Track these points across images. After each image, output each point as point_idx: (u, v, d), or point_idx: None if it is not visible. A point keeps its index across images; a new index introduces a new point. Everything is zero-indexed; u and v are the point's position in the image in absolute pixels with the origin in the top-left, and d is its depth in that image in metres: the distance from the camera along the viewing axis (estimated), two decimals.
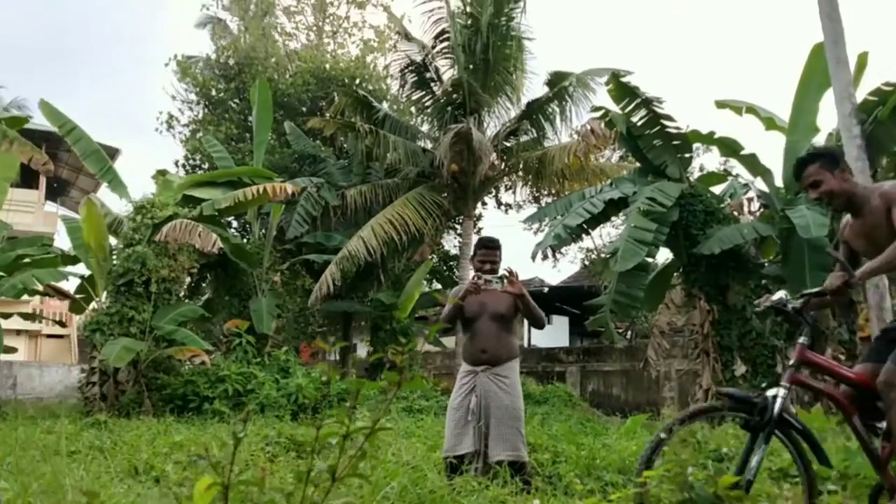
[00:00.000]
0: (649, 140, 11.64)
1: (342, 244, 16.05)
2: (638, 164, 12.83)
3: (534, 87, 17.35)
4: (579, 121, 16.47)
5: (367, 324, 19.46)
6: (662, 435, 3.49)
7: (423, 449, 6.65)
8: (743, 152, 11.27)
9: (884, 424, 3.50)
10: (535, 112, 16.80)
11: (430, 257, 18.90)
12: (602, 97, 17.87)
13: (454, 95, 16.75)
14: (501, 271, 5.30)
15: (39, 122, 15.26)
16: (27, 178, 20.49)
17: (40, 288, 13.94)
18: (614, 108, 11.92)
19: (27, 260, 12.99)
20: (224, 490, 1.26)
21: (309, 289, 17.02)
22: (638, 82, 11.48)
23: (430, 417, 11.72)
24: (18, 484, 3.26)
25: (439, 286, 21.84)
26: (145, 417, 11.25)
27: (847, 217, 3.93)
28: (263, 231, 16.92)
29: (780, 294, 3.72)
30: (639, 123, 11.62)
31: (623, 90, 11.49)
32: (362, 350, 21.00)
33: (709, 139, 11.57)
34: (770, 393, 3.46)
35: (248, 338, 14.01)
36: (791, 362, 3.59)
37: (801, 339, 3.60)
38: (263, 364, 13.77)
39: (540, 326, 5.56)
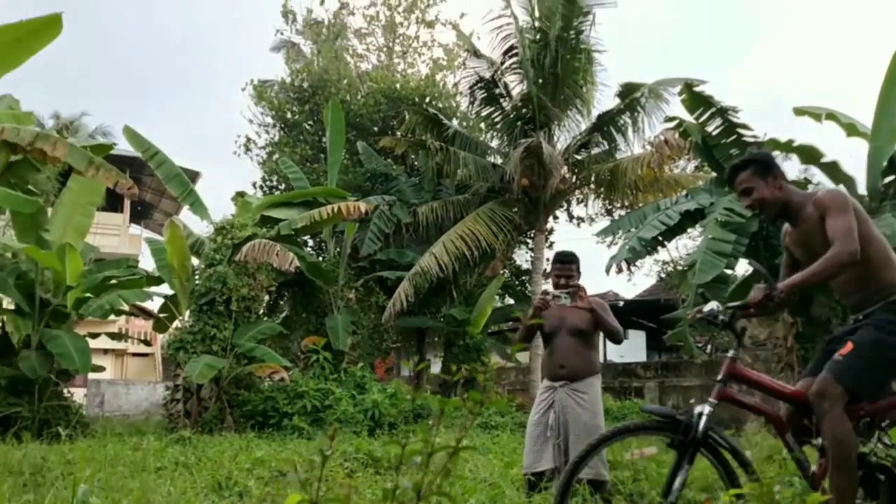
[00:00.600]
0: (726, 149, 11.43)
1: (414, 261, 16.18)
2: (714, 174, 12.60)
3: (605, 99, 17.25)
4: (652, 132, 16.31)
5: (441, 339, 19.53)
6: (583, 453, 3.52)
7: (500, 465, 6.65)
8: (824, 160, 10.96)
9: (821, 441, 3.36)
10: (607, 124, 16.67)
11: (501, 272, 18.87)
12: (675, 107, 17.62)
13: (524, 110, 16.75)
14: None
15: (123, 147, 15.85)
16: (112, 202, 21.31)
17: (126, 308, 14.44)
18: (688, 117, 11.76)
19: (113, 281, 13.46)
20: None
21: (383, 305, 17.19)
22: (712, 91, 11.31)
23: (506, 434, 11.69)
24: (109, 500, 3.39)
25: (511, 301, 21.78)
26: (227, 433, 11.52)
27: (787, 224, 3.79)
28: (338, 249, 17.19)
29: (712, 305, 3.59)
30: (714, 133, 11.44)
31: (697, 99, 11.33)
32: (436, 366, 21.07)
33: (788, 147, 11.28)
34: (696, 410, 3.37)
35: (325, 354, 14.24)
36: (719, 377, 3.48)
37: (730, 353, 3.51)
38: (340, 380, 13.96)
39: (617, 341, 5.48)
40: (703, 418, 3.34)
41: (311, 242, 20.03)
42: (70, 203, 13.00)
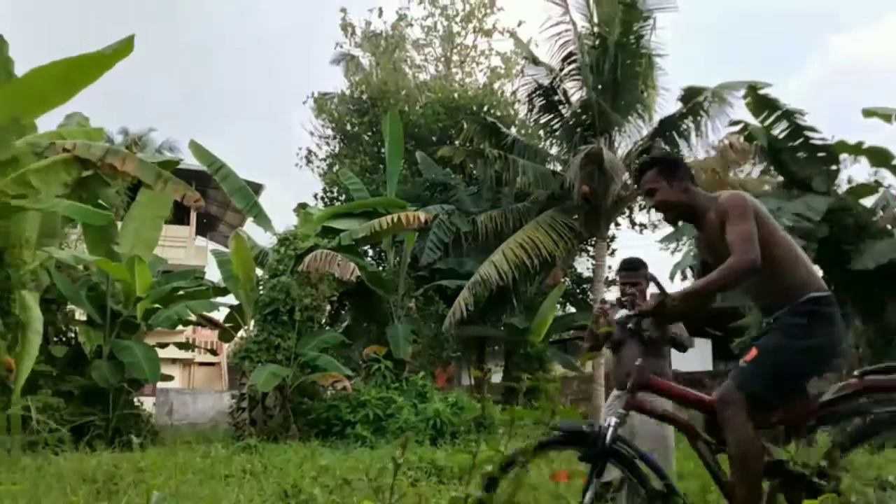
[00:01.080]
0: (792, 153, 11.20)
1: (474, 269, 16.17)
2: (781, 179, 12.34)
3: (666, 104, 16.90)
4: (716, 136, 15.99)
5: (501, 348, 19.47)
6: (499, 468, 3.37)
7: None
8: (895, 162, 10.65)
9: None
10: (669, 129, 16.42)
11: (562, 280, 18.75)
12: (739, 111, 17.29)
13: (583, 117, 16.62)
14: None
15: (189, 161, 16.23)
16: (179, 215, 21.80)
17: (193, 318, 14.76)
18: (753, 121, 11.55)
19: (181, 292, 13.78)
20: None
21: (443, 314, 17.21)
22: (777, 94, 11.09)
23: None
24: None
25: (573, 310, 21.61)
26: (292, 441, 11.67)
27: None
28: (398, 259, 17.29)
29: (621, 313, 3.51)
30: (780, 136, 11.22)
31: (762, 102, 11.14)
32: (496, 375, 21.00)
33: (857, 149, 10.99)
34: (605, 422, 3.27)
35: (387, 363, 14.31)
36: (628, 387, 3.37)
37: (638, 362, 3.41)
38: (402, 389, 14.00)
39: (682, 349, 5.37)
40: (610, 430, 3.26)
41: (371, 252, 20.20)
42: (139, 216, 13.36)
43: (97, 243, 12.27)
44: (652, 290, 5.07)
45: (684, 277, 14.86)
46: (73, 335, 13.23)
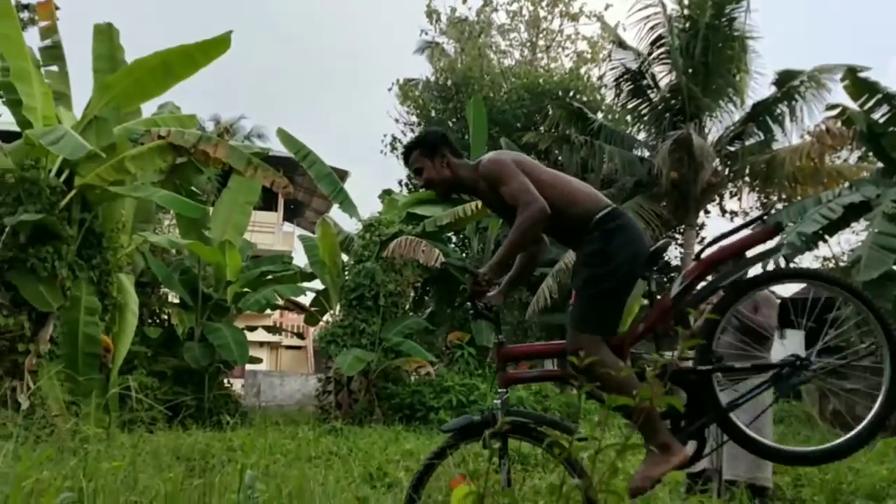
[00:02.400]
0: (893, 138, 10.67)
1: (558, 257, 15.99)
2: (880, 165, 11.79)
3: (759, 88, 16.45)
4: (812, 121, 15.45)
5: None
6: (434, 459, 3.28)
7: None
8: None
9: None
10: (762, 113, 15.90)
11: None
12: (837, 95, 16.61)
13: (672, 101, 16.25)
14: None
15: (277, 148, 16.53)
16: (267, 201, 22.26)
17: (281, 302, 15.06)
18: (852, 105, 11.07)
19: (269, 277, 14.07)
20: (480, 499, 1.28)
21: (526, 301, 17.11)
22: (878, 77, 10.58)
23: (638, 441, 11.36)
24: (272, 486, 3.50)
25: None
26: (376, 425, 11.81)
27: None
28: (482, 245, 17.25)
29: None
30: (881, 121, 10.72)
31: (861, 86, 10.66)
32: None
33: None
34: (494, 407, 3.20)
35: (470, 350, 14.32)
36: (495, 365, 3.23)
37: (494, 340, 3.32)
38: (485, 376, 13.99)
39: (764, 338, 5.11)
40: (498, 412, 3.19)
41: (454, 239, 20.22)
42: (229, 202, 13.69)
43: (189, 228, 12.62)
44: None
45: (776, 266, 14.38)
46: (166, 317, 13.68)
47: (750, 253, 3.15)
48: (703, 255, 3.26)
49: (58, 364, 8.48)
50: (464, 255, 17.85)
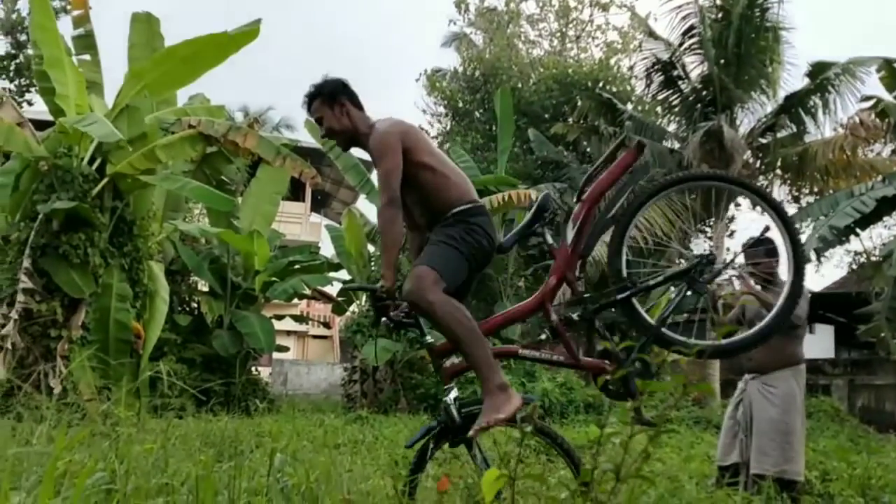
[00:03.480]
0: None
1: None
2: None
3: (792, 79, 16.17)
4: (845, 113, 15.23)
5: (613, 329, 19.18)
6: (415, 474, 3.28)
7: (678, 459, 6.43)
8: None
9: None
10: (795, 105, 15.70)
11: (677, 262, 18.25)
12: (871, 87, 16.35)
13: (704, 92, 16.10)
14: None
15: (305, 139, 16.60)
16: (294, 191, 22.37)
17: (308, 292, 15.14)
18: (887, 97, 10.89)
19: (297, 266, 14.15)
20: (511, 482, 1.28)
21: None
22: None
23: (682, 427, 11.31)
24: (300, 471, 3.53)
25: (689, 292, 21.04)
26: (401, 414, 11.86)
27: None
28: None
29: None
30: None
31: None
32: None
33: None
34: (445, 404, 3.15)
35: (495, 341, 14.30)
36: (432, 364, 3.31)
37: (423, 341, 3.36)
38: (510, 368, 13.99)
39: (791, 328, 5.01)
40: (452, 406, 3.15)
41: None
42: (258, 192, 13.78)
43: (219, 217, 12.72)
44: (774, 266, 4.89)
45: (808, 260, 14.21)
46: (196, 305, 13.80)
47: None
48: (584, 195, 3.32)
49: (89, 349, 8.58)
50: None
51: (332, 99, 3.48)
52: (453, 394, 3.22)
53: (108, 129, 8.26)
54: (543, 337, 3.45)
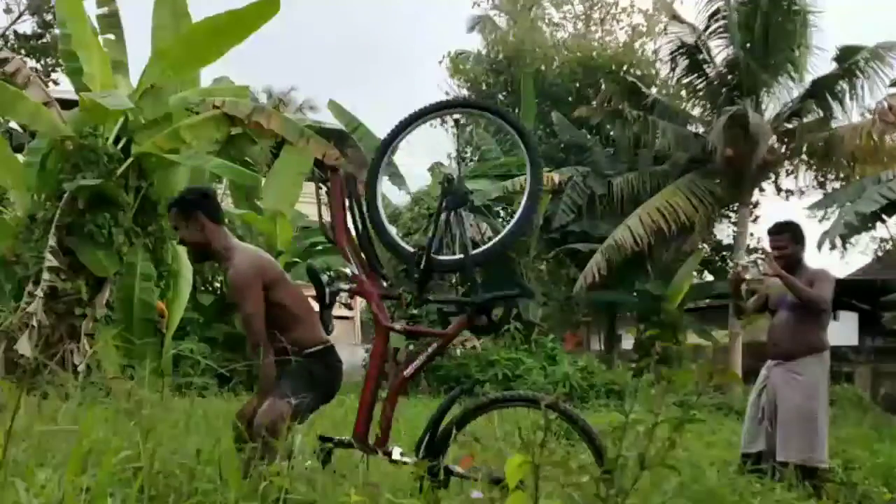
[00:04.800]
0: None
1: (608, 233, 15.88)
2: None
3: (820, 64, 15.96)
4: (873, 98, 15.03)
5: (633, 315, 19.12)
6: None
7: (700, 446, 6.41)
8: None
9: None
10: (822, 90, 15.51)
11: (700, 247, 18.15)
12: None
13: (729, 76, 15.93)
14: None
15: (328, 120, 16.60)
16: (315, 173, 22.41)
17: (330, 273, 15.19)
18: None
19: (319, 247, 14.19)
20: (535, 468, 1.28)
21: (574, 278, 17.03)
22: None
23: (703, 414, 11.28)
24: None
25: (710, 278, 20.93)
26: (422, 396, 11.91)
27: None
28: None
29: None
30: None
31: None
32: (627, 341, 20.65)
33: None
34: None
35: (516, 324, 14.31)
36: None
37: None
38: (530, 351, 14.00)
39: (814, 311, 4.96)
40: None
41: (503, 213, 20.15)
42: (281, 173, 13.76)
43: (242, 198, 12.76)
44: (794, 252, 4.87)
45: (833, 247, 14.07)
46: (218, 285, 13.89)
47: None
48: (336, 240, 3.81)
49: (114, 328, 8.67)
50: None
51: (186, 211, 3.53)
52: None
53: (121, 99, 8.35)
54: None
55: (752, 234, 19.31)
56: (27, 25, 25.10)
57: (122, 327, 8.74)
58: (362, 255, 3.69)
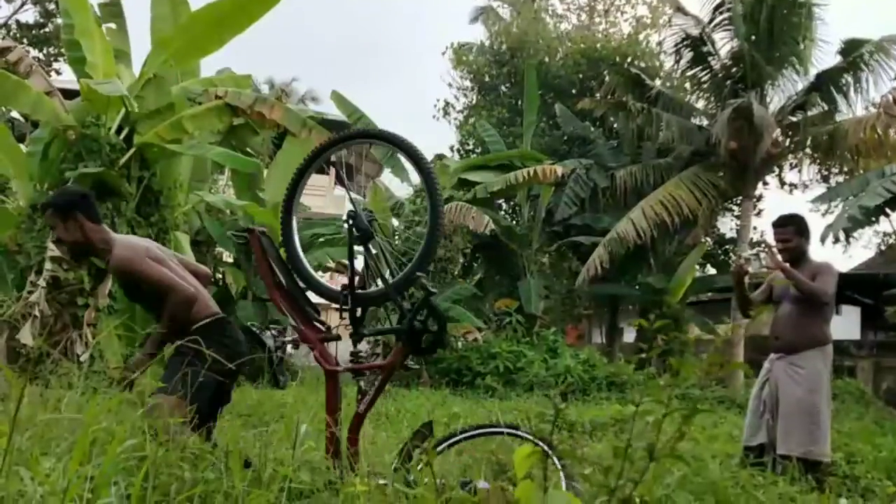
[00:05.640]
0: None
1: (611, 226, 15.85)
2: None
3: (824, 57, 15.89)
4: (878, 92, 14.97)
5: (636, 308, 19.11)
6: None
7: (703, 439, 6.40)
8: None
9: None
10: (826, 83, 15.43)
11: (703, 240, 18.12)
12: None
13: (734, 69, 15.86)
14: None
15: (330, 111, 16.58)
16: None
17: (332, 265, 15.20)
18: None
19: (321, 239, 14.19)
20: (544, 458, 1.27)
21: (576, 271, 17.02)
22: None
23: (705, 406, 11.28)
24: (323, 440, 3.56)
25: (713, 271, 20.91)
26: (423, 388, 11.91)
27: None
28: (532, 213, 17.16)
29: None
30: None
31: None
32: (629, 334, 20.65)
33: None
34: None
35: (518, 317, 14.31)
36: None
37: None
38: (532, 344, 14.00)
39: (818, 304, 4.95)
40: None
41: (505, 206, 20.15)
42: (283, 164, 13.75)
43: (244, 189, 12.76)
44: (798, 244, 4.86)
45: (836, 241, 14.04)
46: (220, 276, 13.89)
47: None
48: (274, 301, 3.86)
49: (116, 318, 8.68)
50: (514, 222, 17.75)
51: (64, 213, 3.57)
52: None
53: (117, 86, 8.38)
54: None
55: (755, 228, 19.32)
56: (29, 15, 25.10)
57: (124, 317, 8.75)
58: (298, 306, 3.76)
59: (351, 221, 3.53)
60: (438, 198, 3.39)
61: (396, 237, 14.44)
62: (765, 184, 18.91)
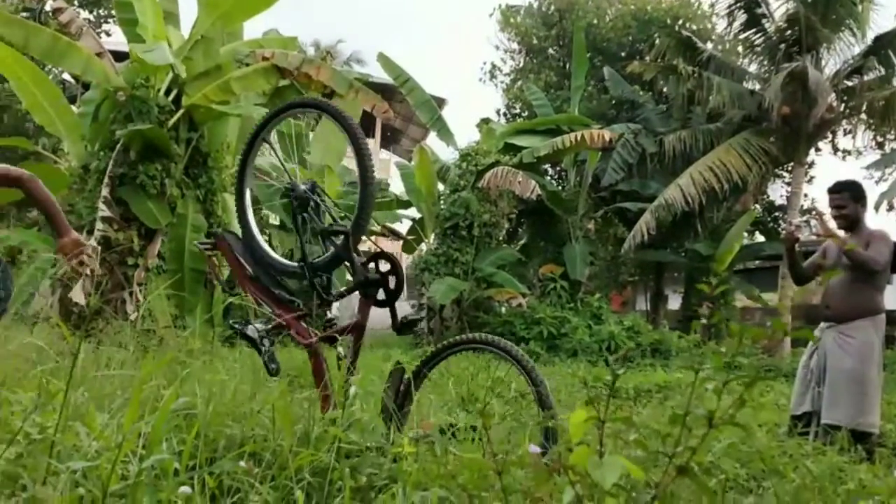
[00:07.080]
0: None
1: (658, 192, 15.62)
2: None
3: (882, 20, 15.43)
4: None
5: (681, 275, 18.90)
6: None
7: (748, 408, 6.34)
8: None
9: None
10: (884, 47, 14.94)
11: (753, 207, 17.77)
12: None
13: (788, 32, 15.42)
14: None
15: (376, 73, 16.52)
16: (364, 127, 22.40)
17: (378, 229, 15.25)
18: None
19: None
20: (601, 423, 1.25)
21: (622, 237, 16.85)
22: None
23: (762, 376, 11.17)
24: (371, 404, 3.59)
25: (761, 238, 20.56)
26: (466, 353, 11.94)
27: None
28: (579, 178, 16.99)
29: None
30: None
31: None
32: (674, 302, 20.45)
33: None
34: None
35: (562, 283, 14.25)
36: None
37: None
38: (576, 309, 13.95)
39: (868, 273, 4.83)
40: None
41: (551, 171, 19.97)
42: (330, 127, 13.80)
43: (289, 151, 12.79)
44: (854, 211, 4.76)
45: (890, 208, 13.70)
46: (267, 238, 14.00)
47: None
48: (245, 288, 3.84)
49: (165, 279, 8.82)
50: (560, 187, 17.60)
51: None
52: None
53: (164, 53, 8.41)
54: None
55: (806, 195, 18.90)
56: None
57: (173, 278, 8.89)
58: (271, 292, 3.80)
59: (290, 193, 3.71)
60: (368, 160, 3.52)
61: (442, 202, 14.42)
62: (817, 150, 18.47)
